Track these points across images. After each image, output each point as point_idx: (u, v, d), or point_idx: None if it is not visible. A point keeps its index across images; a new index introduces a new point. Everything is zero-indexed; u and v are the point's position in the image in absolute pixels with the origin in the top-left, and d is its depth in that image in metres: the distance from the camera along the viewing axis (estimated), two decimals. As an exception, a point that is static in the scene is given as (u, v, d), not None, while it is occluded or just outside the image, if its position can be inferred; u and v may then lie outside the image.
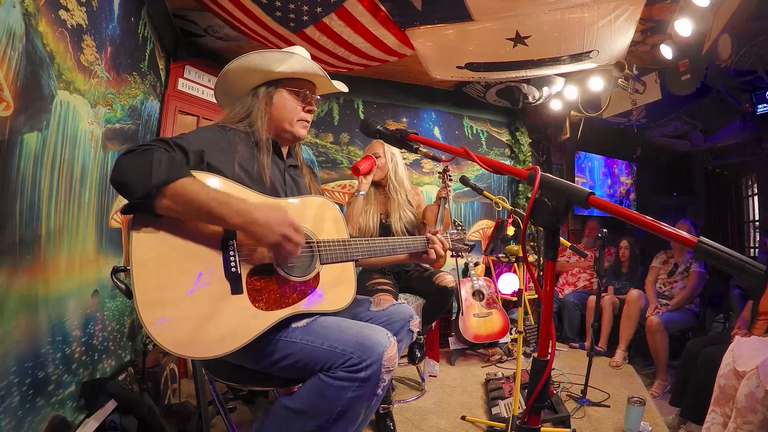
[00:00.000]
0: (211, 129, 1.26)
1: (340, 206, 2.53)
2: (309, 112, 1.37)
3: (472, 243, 1.64)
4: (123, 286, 1.08)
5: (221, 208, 1.01)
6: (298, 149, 1.48)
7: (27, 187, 1.30)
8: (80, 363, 1.66)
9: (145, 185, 0.96)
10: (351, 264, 1.31)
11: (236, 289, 1.07)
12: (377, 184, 2.47)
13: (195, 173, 1.06)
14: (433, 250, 1.47)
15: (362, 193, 2.30)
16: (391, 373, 1.12)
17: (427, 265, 2.54)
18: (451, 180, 2.44)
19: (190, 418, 1.84)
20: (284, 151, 1.41)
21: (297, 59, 1.31)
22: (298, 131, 1.36)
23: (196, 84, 3.00)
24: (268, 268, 1.14)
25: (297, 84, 1.35)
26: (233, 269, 1.07)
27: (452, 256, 1.63)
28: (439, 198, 2.39)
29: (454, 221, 2.36)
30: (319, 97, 1.43)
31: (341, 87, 1.44)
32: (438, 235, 1.50)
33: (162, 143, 1.07)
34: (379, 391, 1.10)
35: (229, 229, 1.08)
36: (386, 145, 2.40)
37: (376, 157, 2.40)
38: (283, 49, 1.35)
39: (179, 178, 0.99)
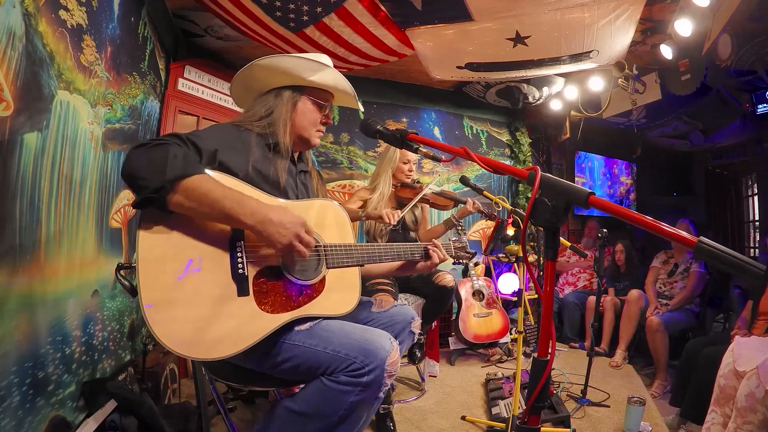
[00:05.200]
0: (227, 127, 1.25)
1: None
2: (326, 123, 1.38)
3: (473, 251, 1.65)
4: (127, 284, 1.07)
5: (235, 207, 0.99)
6: (308, 154, 1.48)
7: (27, 187, 1.30)
8: (80, 363, 1.66)
9: (159, 179, 0.94)
10: (356, 269, 1.31)
11: (243, 291, 1.06)
12: (400, 183, 2.54)
13: (207, 172, 1.05)
14: (431, 258, 1.45)
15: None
16: (393, 377, 1.12)
17: None
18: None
19: (190, 418, 1.84)
20: (295, 155, 1.40)
21: (329, 72, 1.31)
22: (314, 140, 1.37)
23: (196, 84, 3.00)
24: (275, 271, 1.13)
25: (321, 94, 1.35)
26: (240, 270, 1.06)
27: (455, 263, 1.63)
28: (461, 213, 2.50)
29: (457, 223, 2.39)
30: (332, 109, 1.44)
31: (360, 106, 1.46)
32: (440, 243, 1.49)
33: (176, 138, 1.05)
34: (381, 394, 1.10)
35: (237, 230, 1.07)
36: None
37: (414, 163, 2.54)
38: (310, 55, 1.34)
39: (194, 174, 0.98)
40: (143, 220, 0.99)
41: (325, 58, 1.36)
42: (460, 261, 1.62)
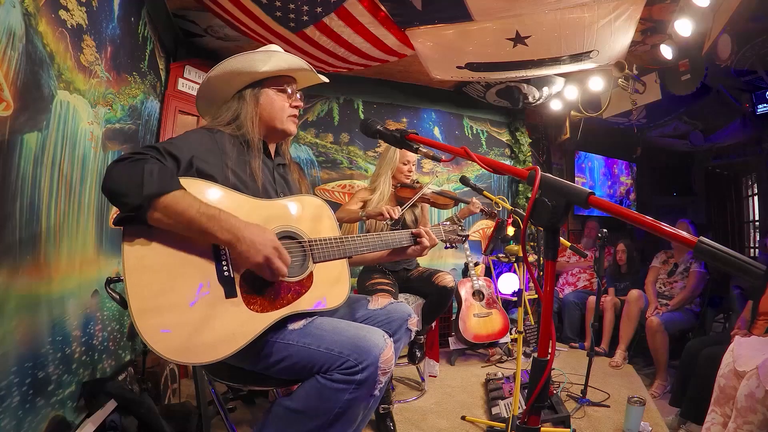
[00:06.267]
0: (199, 132, 1.25)
1: (339, 206, 2.54)
2: (296, 107, 1.38)
3: (465, 234, 1.62)
4: (117, 297, 1.08)
5: (211, 223, 1.01)
6: (286, 147, 1.48)
7: (27, 186, 1.30)
8: (80, 363, 1.66)
9: (137, 197, 0.96)
10: (344, 261, 1.30)
11: (230, 293, 1.06)
12: (399, 183, 2.54)
13: (186, 181, 1.05)
14: (420, 243, 1.44)
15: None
16: (388, 374, 1.12)
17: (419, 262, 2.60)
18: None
19: (190, 418, 1.84)
20: (272, 149, 1.41)
21: (281, 57, 1.32)
22: (289, 127, 1.37)
23: (196, 84, 2.99)
24: None
25: (280, 81, 1.35)
26: (226, 273, 1.07)
27: (446, 247, 1.61)
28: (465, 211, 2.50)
29: (458, 222, 2.39)
30: (301, 92, 1.42)
31: (323, 78, 1.44)
32: (428, 228, 1.48)
33: (154, 151, 1.06)
34: (376, 392, 1.10)
35: None
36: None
37: (413, 164, 2.55)
38: (261, 49, 1.35)
39: (171, 190, 0.99)
40: (127, 231, 1.00)
41: (273, 46, 1.37)
42: (452, 245, 1.58)
